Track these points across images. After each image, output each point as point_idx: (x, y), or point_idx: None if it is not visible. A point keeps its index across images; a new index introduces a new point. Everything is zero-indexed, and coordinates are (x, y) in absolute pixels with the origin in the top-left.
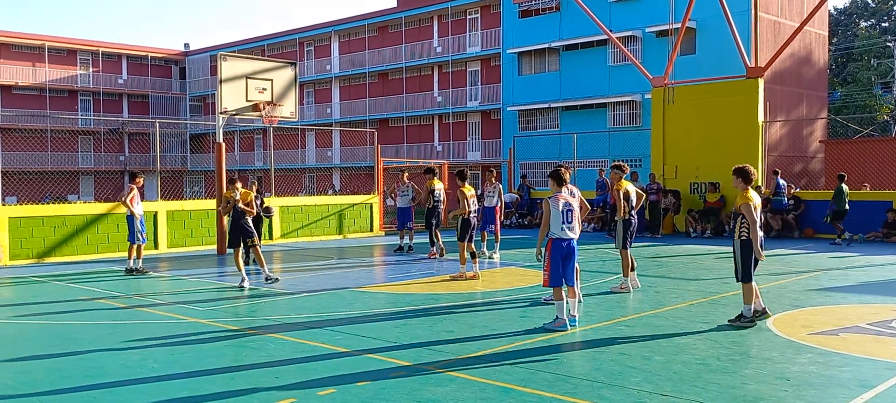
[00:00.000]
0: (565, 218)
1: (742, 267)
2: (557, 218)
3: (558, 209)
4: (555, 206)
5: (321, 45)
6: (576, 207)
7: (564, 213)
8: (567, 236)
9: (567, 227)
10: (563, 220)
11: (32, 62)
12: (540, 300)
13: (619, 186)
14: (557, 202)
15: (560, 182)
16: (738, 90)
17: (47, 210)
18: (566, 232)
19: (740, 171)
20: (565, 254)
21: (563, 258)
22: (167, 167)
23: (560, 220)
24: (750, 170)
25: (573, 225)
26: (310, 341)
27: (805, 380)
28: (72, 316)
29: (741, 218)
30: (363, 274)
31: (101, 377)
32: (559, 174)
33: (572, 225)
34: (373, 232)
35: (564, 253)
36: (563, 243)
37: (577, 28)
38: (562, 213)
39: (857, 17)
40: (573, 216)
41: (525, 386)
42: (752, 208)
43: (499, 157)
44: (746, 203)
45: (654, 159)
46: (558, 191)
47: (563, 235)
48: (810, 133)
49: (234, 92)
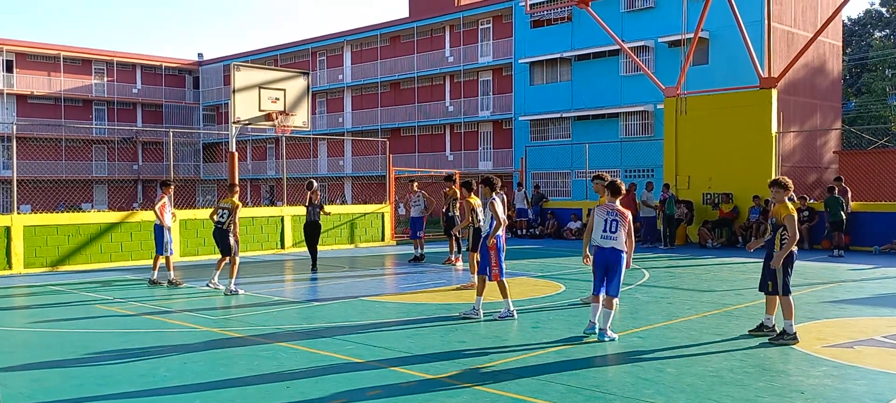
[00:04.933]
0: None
1: (782, 280)
2: (498, 217)
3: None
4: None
5: (333, 55)
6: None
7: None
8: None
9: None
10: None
11: (48, 72)
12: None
13: (471, 200)
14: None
15: (493, 188)
16: (752, 100)
17: (61, 218)
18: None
19: (779, 183)
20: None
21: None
22: (180, 176)
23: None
24: (787, 182)
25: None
26: (322, 350)
27: (820, 394)
28: (85, 324)
29: (783, 231)
30: (375, 284)
31: (115, 386)
32: (491, 181)
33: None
34: (384, 242)
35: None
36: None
37: (589, 38)
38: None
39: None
40: None
41: (537, 398)
42: (794, 220)
43: (511, 167)
44: (790, 215)
45: (666, 169)
46: (494, 197)
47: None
48: (824, 143)
49: (248, 101)
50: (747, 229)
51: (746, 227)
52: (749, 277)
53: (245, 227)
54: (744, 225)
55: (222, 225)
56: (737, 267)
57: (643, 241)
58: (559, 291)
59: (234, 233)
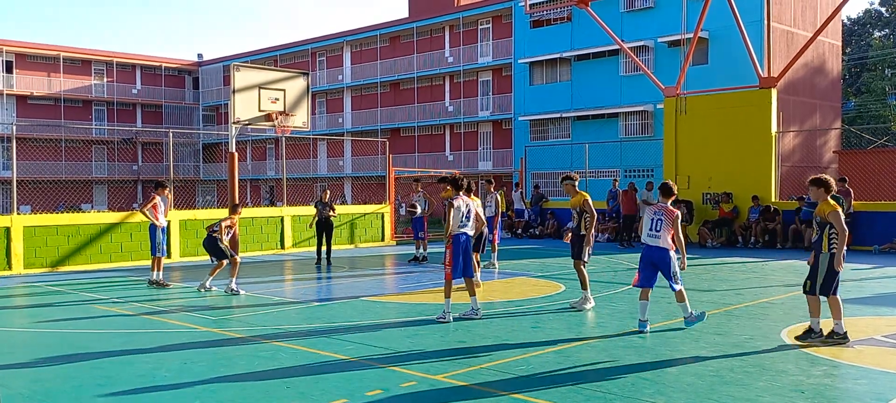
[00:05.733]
0: (465, 217)
1: (830, 280)
2: (457, 217)
3: (460, 211)
4: (456, 208)
5: (333, 55)
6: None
7: (465, 214)
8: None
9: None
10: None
11: (47, 72)
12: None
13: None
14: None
15: (458, 188)
16: (751, 100)
17: (61, 219)
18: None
19: (821, 182)
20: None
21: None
22: (180, 176)
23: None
24: (829, 180)
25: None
26: (321, 350)
27: (820, 393)
28: (85, 324)
29: (830, 229)
30: (375, 284)
31: (115, 385)
32: (457, 181)
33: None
34: (384, 242)
35: (463, 248)
36: (462, 237)
37: (588, 38)
38: (463, 214)
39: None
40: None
41: (535, 397)
42: (842, 217)
43: (510, 167)
44: (835, 211)
45: (666, 169)
46: (457, 196)
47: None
48: (824, 143)
49: (247, 102)
50: (747, 229)
51: (746, 227)
52: (749, 277)
53: (245, 227)
54: (743, 224)
55: (214, 232)
56: (736, 267)
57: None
58: (559, 291)
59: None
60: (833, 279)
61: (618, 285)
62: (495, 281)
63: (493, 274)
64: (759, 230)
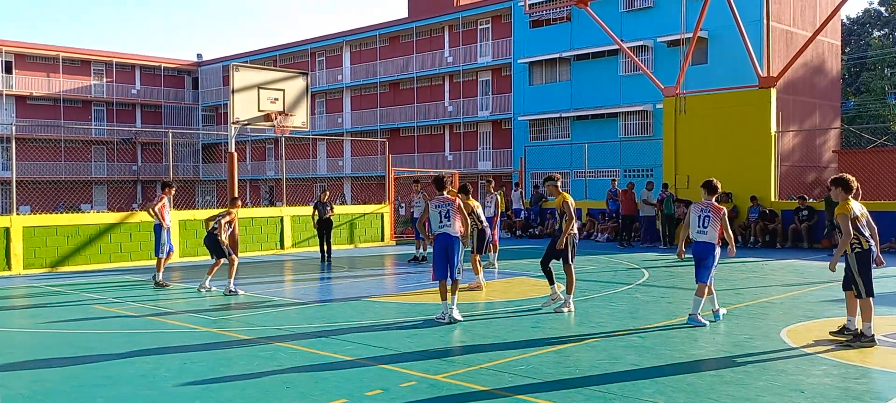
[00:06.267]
0: (443, 217)
1: (864, 283)
2: (436, 217)
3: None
4: (432, 207)
5: (332, 55)
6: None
7: (442, 214)
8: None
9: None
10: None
11: (47, 73)
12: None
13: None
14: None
15: (440, 187)
16: (751, 100)
17: (61, 219)
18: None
19: (839, 181)
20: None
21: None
22: (180, 177)
23: (437, 219)
24: (849, 179)
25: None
26: (321, 350)
27: (820, 393)
28: (85, 324)
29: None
30: (375, 284)
31: (115, 385)
32: (440, 180)
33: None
34: (384, 242)
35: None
36: (441, 238)
37: (588, 38)
38: (438, 213)
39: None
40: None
41: (535, 397)
42: (848, 218)
43: (510, 167)
44: (842, 213)
45: (665, 169)
46: (439, 195)
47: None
48: (823, 143)
49: (247, 102)
50: (746, 229)
51: (745, 227)
52: (748, 276)
53: (245, 227)
54: (743, 224)
55: (215, 230)
56: (736, 267)
57: (642, 241)
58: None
59: (233, 235)
60: (867, 280)
61: (618, 285)
62: (495, 281)
63: (494, 275)
64: (759, 230)
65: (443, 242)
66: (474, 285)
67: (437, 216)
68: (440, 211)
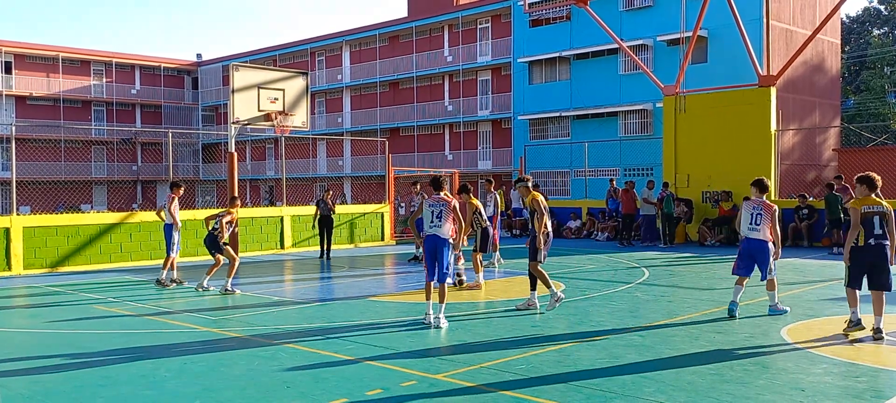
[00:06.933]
0: (435, 217)
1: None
2: (428, 216)
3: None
4: (425, 207)
5: (332, 55)
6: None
7: (434, 214)
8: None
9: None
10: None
11: (47, 73)
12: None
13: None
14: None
15: (437, 188)
16: (751, 99)
17: (61, 219)
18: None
19: (862, 179)
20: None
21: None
22: (180, 177)
23: (429, 220)
24: (873, 177)
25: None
26: (321, 350)
27: (820, 391)
28: (85, 324)
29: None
30: (375, 284)
31: (115, 386)
32: (437, 181)
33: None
34: (384, 242)
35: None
36: (430, 239)
37: (587, 37)
38: (435, 214)
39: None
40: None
41: (536, 395)
42: (857, 215)
43: (510, 166)
44: (852, 208)
45: (665, 168)
46: (435, 195)
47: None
48: (823, 141)
49: (247, 102)
50: None
51: None
52: None
53: (245, 227)
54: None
55: (216, 231)
56: None
57: (643, 240)
58: (559, 290)
59: (234, 234)
60: (848, 271)
61: (618, 284)
62: (495, 281)
63: (494, 274)
64: None
65: (430, 243)
66: (474, 284)
67: (429, 215)
68: (433, 211)
